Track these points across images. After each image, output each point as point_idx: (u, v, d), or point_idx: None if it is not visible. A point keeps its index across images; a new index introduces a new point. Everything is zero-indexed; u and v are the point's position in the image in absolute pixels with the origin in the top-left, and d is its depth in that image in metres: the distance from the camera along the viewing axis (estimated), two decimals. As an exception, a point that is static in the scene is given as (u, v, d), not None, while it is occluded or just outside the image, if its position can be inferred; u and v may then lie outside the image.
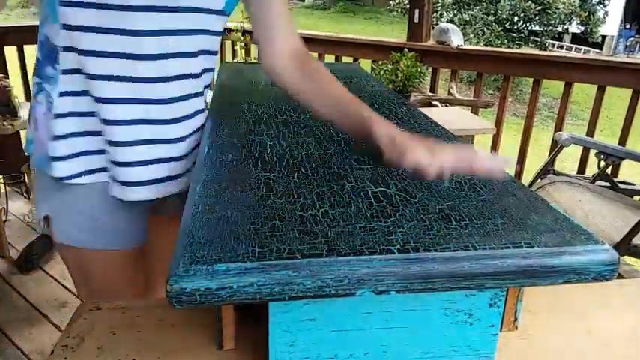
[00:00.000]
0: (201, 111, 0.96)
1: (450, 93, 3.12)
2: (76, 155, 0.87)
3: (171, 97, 0.87)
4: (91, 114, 0.85)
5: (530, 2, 11.05)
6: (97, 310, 0.72)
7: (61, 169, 0.87)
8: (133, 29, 0.79)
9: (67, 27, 0.79)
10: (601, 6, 12.97)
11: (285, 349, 0.58)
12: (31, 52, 3.40)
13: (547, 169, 2.27)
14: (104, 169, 0.90)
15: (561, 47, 17.36)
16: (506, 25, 11.38)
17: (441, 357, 0.61)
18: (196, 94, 0.93)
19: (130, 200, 0.90)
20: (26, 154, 0.93)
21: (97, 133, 0.86)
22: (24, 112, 2.68)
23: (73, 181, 0.88)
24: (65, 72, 0.82)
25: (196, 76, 0.90)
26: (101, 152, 0.88)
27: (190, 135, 0.93)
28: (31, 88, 3.47)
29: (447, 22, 10.42)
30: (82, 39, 0.79)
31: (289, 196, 0.63)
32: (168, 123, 0.88)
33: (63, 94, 0.83)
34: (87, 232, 0.93)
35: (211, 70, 0.96)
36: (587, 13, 12.16)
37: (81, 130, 0.86)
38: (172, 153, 0.91)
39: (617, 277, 0.55)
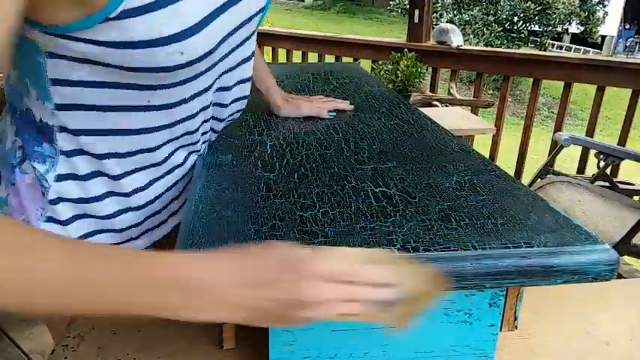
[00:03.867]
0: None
1: (449, 93, 3.11)
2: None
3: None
4: (95, 199, 0.73)
5: (529, 2, 11.05)
6: (97, 310, 0.72)
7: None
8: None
9: (63, 107, 0.65)
10: (601, 6, 12.97)
11: (285, 349, 0.58)
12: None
13: (547, 169, 2.27)
14: None
15: (561, 47, 17.36)
16: (505, 26, 11.37)
17: (441, 357, 0.61)
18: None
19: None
20: None
21: (101, 217, 0.74)
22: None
23: None
24: (65, 153, 0.68)
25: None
26: (101, 232, 0.76)
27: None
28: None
29: (446, 22, 10.42)
30: (88, 119, 0.66)
31: (289, 196, 0.63)
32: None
33: (62, 177, 0.70)
34: None
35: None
36: (586, 13, 12.16)
37: (81, 213, 0.73)
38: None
39: (617, 277, 0.55)
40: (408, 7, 3.65)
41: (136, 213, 0.77)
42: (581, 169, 2.83)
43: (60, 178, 0.70)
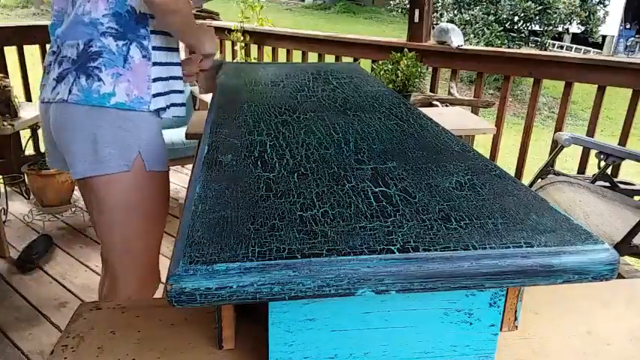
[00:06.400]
0: None
1: (450, 93, 3.11)
2: (166, 93, 1.24)
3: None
4: (169, 63, 1.24)
5: (530, 2, 11.05)
6: (97, 310, 0.72)
7: (159, 102, 1.20)
8: None
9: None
10: (601, 6, 12.95)
11: (285, 349, 0.58)
12: (31, 51, 3.40)
13: (547, 169, 2.27)
14: (173, 105, 1.27)
15: (561, 47, 17.35)
16: (506, 25, 11.37)
17: (441, 357, 0.61)
18: None
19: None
20: (107, 105, 1.13)
21: (171, 78, 1.26)
22: (24, 112, 2.68)
23: (165, 113, 1.24)
24: (153, 32, 1.19)
25: None
26: (173, 92, 1.27)
27: None
28: (31, 89, 3.43)
29: (447, 21, 10.42)
30: None
31: (289, 196, 0.63)
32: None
33: (155, 48, 1.20)
34: (166, 156, 1.27)
35: None
36: (587, 13, 12.15)
37: (165, 75, 1.23)
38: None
39: (618, 277, 0.55)
40: (408, 6, 3.64)
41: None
42: (581, 169, 2.83)
43: (154, 48, 1.19)
